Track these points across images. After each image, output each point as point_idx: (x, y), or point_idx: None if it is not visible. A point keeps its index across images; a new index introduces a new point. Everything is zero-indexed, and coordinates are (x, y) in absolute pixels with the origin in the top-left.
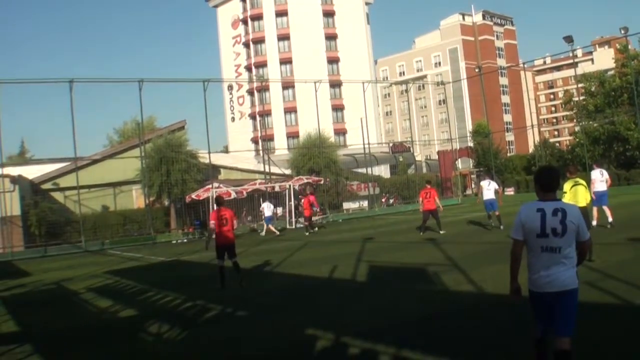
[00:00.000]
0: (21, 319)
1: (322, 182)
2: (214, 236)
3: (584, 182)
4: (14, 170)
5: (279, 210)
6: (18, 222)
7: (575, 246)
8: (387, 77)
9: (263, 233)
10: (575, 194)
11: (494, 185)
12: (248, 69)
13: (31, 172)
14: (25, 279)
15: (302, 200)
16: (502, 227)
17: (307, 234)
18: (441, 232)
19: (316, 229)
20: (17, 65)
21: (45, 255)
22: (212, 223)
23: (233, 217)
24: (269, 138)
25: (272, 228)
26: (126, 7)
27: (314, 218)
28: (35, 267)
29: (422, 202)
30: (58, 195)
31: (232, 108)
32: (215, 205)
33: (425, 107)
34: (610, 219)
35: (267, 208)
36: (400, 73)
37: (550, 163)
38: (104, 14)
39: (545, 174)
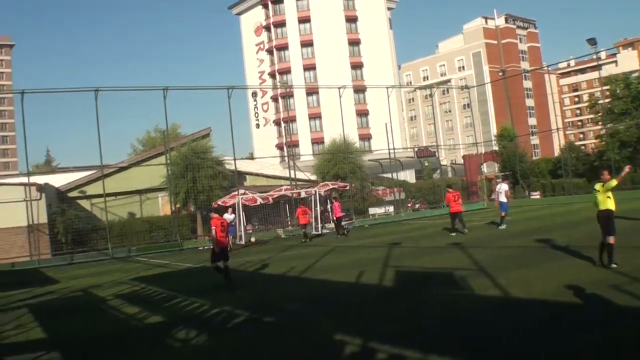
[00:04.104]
0: (49, 326)
1: (347, 188)
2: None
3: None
4: (40, 179)
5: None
6: (45, 230)
7: None
8: (410, 82)
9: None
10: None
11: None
12: (272, 75)
13: (57, 180)
14: (52, 287)
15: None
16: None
17: (303, 240)
18: (465, 231)
19: (305, 239)
20: (44, 75)
21: (72, 263)
22: (214, 229)
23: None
24: (294, 144)
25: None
26: (150, 16)
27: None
28: (63, 274)
29: (450, 204)
30: (84, 203)
31: (256, 115)
32: (214, 213)
33: (450, 111)
34: None
35: (228, 218)
36: (424, 78)
37: (577, 166)
38: (129, 24)
39: None
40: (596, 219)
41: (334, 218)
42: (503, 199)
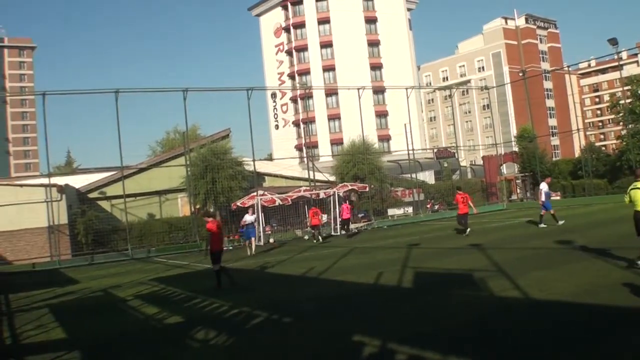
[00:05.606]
0: (69, 326)
1: (366, 190)
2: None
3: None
4: (61, 180)
5: (324, 218)
6: (65, 230)
7: None
8: (430, 83)
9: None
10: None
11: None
12: (291, 76)
13: (78, 181)
14: (72, 287)
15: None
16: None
17: (315, 241)
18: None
19: (319, 239)
20: (65, 77)
21: (92, 263)
22: (209, 234)
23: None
24: (313, 145)
25: (253, 244)
26: (170, 18)
27: (355, 225)
28: (83, 274)
29: (459, 206)
30: (105, 204)
31: (275, 116)
32: (208, 218)
33: (470, 112)
34: None
35: (249, 219)
36: (444, 78)
37: (597, 167)
38: (149, 26)
39: None
40: (632, 219)
41: (341, 219)
42: (543, 198)
